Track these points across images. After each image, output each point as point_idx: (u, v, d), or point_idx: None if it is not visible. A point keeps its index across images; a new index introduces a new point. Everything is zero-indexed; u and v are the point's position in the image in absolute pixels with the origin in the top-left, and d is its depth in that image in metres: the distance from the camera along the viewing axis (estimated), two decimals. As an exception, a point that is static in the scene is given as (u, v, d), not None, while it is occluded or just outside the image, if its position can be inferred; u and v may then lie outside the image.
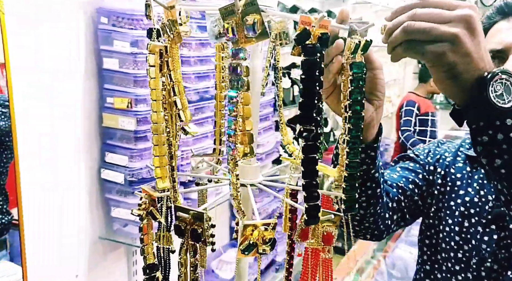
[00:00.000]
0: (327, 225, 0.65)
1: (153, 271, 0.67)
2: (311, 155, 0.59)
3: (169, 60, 0.56)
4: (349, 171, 0.64)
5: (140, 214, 0.65)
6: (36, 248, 1.40)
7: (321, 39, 0.56)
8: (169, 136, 0.59)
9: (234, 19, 0.53)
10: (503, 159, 0.60)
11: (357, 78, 0.62)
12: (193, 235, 0.60)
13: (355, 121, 0.63)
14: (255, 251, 0.59)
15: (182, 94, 0.59)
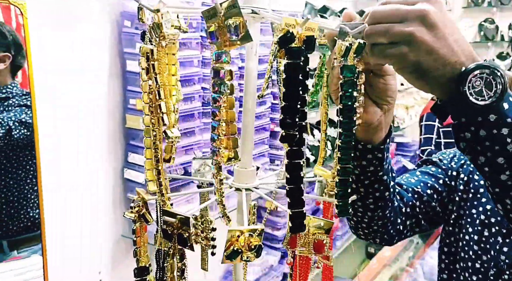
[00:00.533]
0: (318, 233, 0.63)
1: (144, 274, 0.67)
2: (296, 160, 0.57)
3: (155, 64, 0.57)
4: (341, 176, 0.62)
5: (132, 216, 0.66)
6: (59, 245, 1.46)
7: (307, 42, 0.54)
8: (155, 139, 0.59)
9: (217, 22, 0.53)
10: (486, 156, 0.57)
11: (349, 82, 0.59)
12: (179, 239, 0.60)
13: (346, 126, 0.61)
14: (240, 257, 0.58)
15: (168, 98, 0.59)
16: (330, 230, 0.63)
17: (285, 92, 0.54)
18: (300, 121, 0.56)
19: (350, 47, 0.58)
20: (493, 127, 0.55)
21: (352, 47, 0.59)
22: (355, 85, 0.60)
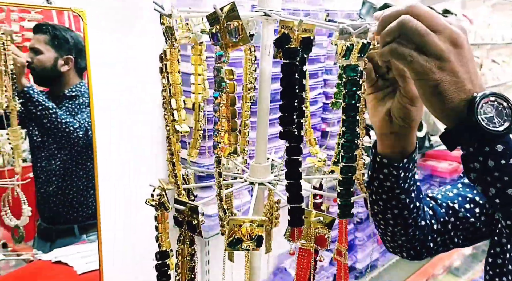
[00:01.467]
0: (320, 227, 0.65)
1: (165, 257, 0.73)
2: (294, 157, 0.60)
3: (167, 64, 0.62)
4: (343, 175, 0.63)
5: (153, 204, 0.72)
6: (112, 236, 1.58)
7: (303, 42, 0.56)
8: (168, 134, 0.65)
9: (219, 25, 0.57)
10: (496, 187, 0.55)
11: (351, 81, 0.61)
12: (189, 226, 0.65)
13: (349, 124, 0.62)
14: (240, 246, 0.62)
15: (178, 95, 0.64)
16: (331, 224, 0.65)
17: (282, 91, 0.57)
18: (298, 119, 0.58)
19: (351, 47, 0.59)
20: (501, 158, 0.54)
21: (356, 47, 0.60)
22: (359, 84, 0.61)
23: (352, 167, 0.63)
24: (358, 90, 0.61)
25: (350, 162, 0.63)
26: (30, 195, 1.83)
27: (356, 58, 0.60)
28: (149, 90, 1.62)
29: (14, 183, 1.79)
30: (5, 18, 1.69)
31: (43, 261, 1.73)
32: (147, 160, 1.70)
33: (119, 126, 1.56)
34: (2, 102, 1.66)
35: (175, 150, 0.66)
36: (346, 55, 0.60)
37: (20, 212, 1.76)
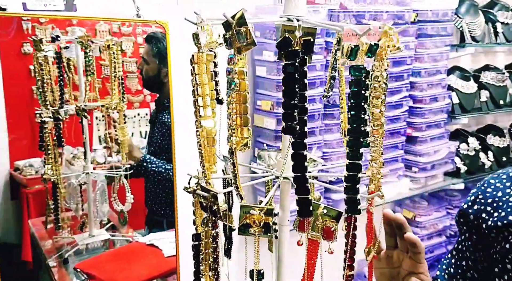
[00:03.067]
0: (330, 220, 0.68)
1: (200, 239, 0.81)
2: (299, 151, 0.64)
3: (195, 66, 0.71)
4: (349, 172, 0.66)
5: (189, 191, 0.81)
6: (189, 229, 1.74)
7: (304, 45, 0.61)
8: (197, 128, 0.73)
9: (230, 31, 0.64)
10: None
11: (357, 81, 0.63)
12: (211, 211, 0.73)
13: (354, 123, 0.64)
14: (249, 231, 0.68)
15: (204, 94, 0.72)
16: (339, 217, 0.67)
17: (284, 90, 0.62)
18: (300, 115, 0.62)
19: (356, 48, 0.62)
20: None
21: (362, 48, 0.62)
22: (364, 84, 0.63)
23: (357, 164, 0.65)
24: (363, 90, 0.63)
25: (355, 159, 0.65)
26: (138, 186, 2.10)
27: (363, 58, 0.62)
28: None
29: (120, 173, 2.07)
30: (132, 31, 1.97)
31: (139, 243, 1.98)
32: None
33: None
34: (113, 104, 1.94)
35: (203, 143, 0.74)
36: (352, 55, 0.62)
37: (125, 199, 2.03)
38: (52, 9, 1.15)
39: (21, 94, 1.84)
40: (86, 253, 1.93)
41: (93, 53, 1.89)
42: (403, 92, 2.05)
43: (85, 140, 1.96)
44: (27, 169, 2.23)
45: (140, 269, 1.73)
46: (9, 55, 1.95)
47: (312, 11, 1.70)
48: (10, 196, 2.17)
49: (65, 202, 2.06)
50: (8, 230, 2.14)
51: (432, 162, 2.18)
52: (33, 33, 1.95)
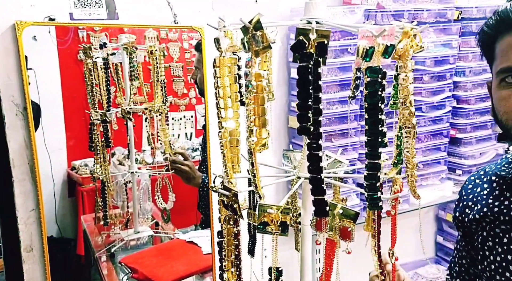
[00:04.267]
0: (346, 220, 0.68)
1: (222, 236, 0.84)
2: (315, 152, 0.65)
3: (217, 70, 0.74)
4: (369, 171, 0.66)
5: (215, 190, 0.84)
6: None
7: (318, 48, 0.62)
8: (220, 131, 0.77)
9: (248, 35, 0.67)
10: None
11: (372, 82, 0.63)
12: (232, 209, 0.76)
13: (371, 123, 0.65)
14: (269, 229, 0.70)
15: (225, 96, 0.75)
16: (356, 218, 0.67)
17: (298, 91, 0.63)
18: (315, 117, 0.64)
19: (372, 49, 0.62)
20: None
21: (378, 49, 0.62)
22: (380, 85, 0.63)
23: (376, 163, 0.65)
24: (379, 91, 0.63)
25: (374, 158, 0.65)
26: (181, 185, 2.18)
27: (379, 60, 0.63)
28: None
29: (162, 172, 2.16)
30: (178, 36, 2.05)
31: (180, 240, 2.06)
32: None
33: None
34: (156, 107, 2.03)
35: (224, 143, 0.77)
36: (368, 56, 0.63)
37: (167, 197, 2.12)
38: (96, 18, 1.22)
39: (77, 98, 1.96)
40: (131, 248, 2.03)
41: (138, 59, 1.99)
42: (445, 93, 1.98)
43: (130, 141, 2.06)
44: (82, 168, 2.38)
45: (179, 265, 1.80)
46: (66, 61, 2.09)
47: (348, 11, 1.69)
48: (67, 194, 2.32)
49: (113, 200, 2.18)
50: (65, 226, 2.29)
51: (477, 165, 2.08)
52: (88, 41, 2.09)
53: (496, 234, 0.86)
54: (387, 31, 0.62)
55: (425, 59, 1.89)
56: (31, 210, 1.24)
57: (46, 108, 1.97)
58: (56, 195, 2.20)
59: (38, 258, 1.26)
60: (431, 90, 1.97)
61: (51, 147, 2.11)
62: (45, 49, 1.93)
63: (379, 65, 0.63)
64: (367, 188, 0.66)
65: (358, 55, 0.63)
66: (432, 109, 2.00)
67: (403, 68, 0.67)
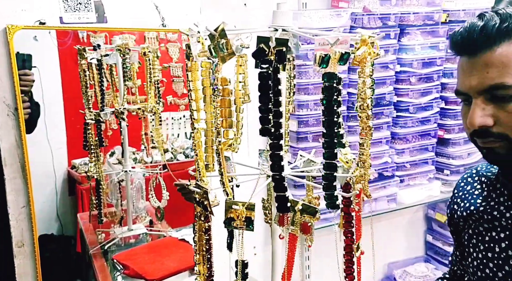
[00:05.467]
0: (308, 216, 0.72)
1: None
2: (276, 152, 0.70)
3: (189, 74, 0.78)
4: (326, 171, 0.70)
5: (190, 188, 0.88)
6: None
7: (277, 55, 0.66)
8: (192, 132, 0.81)
9: (214, 42, 0.71)
10: None
11: (329, 87, 0.67)
12: (203, 205, 0.80)
13: (328, 126, 0.69)
14: (234, 224, 0.74)
15: (197, 99, 0.79)
16: (315, 213, 0.72)
17: (259, 95, 0.67)
18: (275, 119, 0.68)
19: (327, 56, 0.66)
20: None
21: (335, 56, 0.67)
22: (336, 90, 0.67)
23: (332, 163, 0.69)
24: (335, 95, 0.67)
25: (330, 159, 0.69)
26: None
27: (335, 66, 0.67)
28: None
29: (156, 171, 2.20)
30: (177, 37, 2.09)
31: (172, 238, 2.10)
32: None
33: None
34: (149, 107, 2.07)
35: (198, 143, 0.81)
36: (324, 63, 0.67)
37: (161, 196, 2.17)
38: (85, 22, 1.27)
39: (78, 98, 2.01)
40: (124, 245, 2.08)
41: (132, 60, 2.04)
42: (433, 94, 2.02)
43: (123, 141, 2.11)
44: (82, 167, 2.43)
45: (170, 261, 1.84)
46: (67, 61, 2.14)
47: (335, 15, 1.73)
48: (68, 192, 2.37)
49: (108, 198, 2.23)
50: (66, 223, 2.34)
51: (465, 165, 2.12)
52: (88, 42, 2.13)
53: (480, 232, 0.89)
54: (341, 39, 0.66)
55: (413, 61, 1.93)
56: (22, 207, 1.29)
57: (48, 107, 2.02)
58: (57, 193, 2.26)
59: (29, 253, 1.31)
60: (419, 91, 2.00)
61: (52, 145, 2.16)
62: (46, 50, 1.98)
63: (335, 71, 0.67)
64: (325, 187, 0.70)
65: (316, 62, 0.67)
66: (420, 110, 2.03)
67: (362, 74, 0.71)
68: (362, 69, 0.72)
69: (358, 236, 0.84)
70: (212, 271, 0.82)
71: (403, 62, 1.92)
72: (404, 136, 2.01)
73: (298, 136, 1.74)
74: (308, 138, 1.74)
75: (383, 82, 1.88)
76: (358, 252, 0.83)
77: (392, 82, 1.92)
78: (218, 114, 0.73)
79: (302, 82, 1.69)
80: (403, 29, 1.90)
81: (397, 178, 2.03)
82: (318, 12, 1.72)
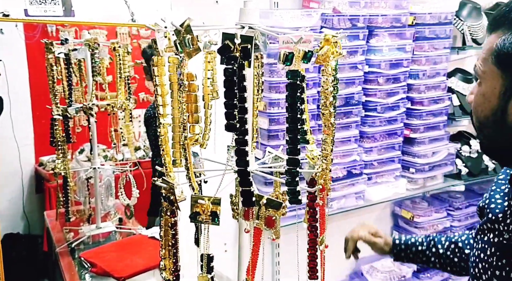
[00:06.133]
0: (272, 210, 0.74)
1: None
2: (242, 147, 0.71)
3: (155, 69, 0.78)
4: (289, 166, 0.72)
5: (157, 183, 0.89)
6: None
7: (242, 51, 0.67)
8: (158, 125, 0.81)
9: (179, 38, 0.71)
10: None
11: (292, 84, 0.69)
12: (169, 200, 0.81)
13: (292, 121, 0.70)
14: (199, 218, 0.75)
15: (164, 94, 0.79)
16: (278, 207, 0.73)
17: (225, 91, 0.68)
18: (240, 115, 0.69)
19: (291, 54, 0.68)
20: None
21: (298, 54, 0.68)
22: (299, 87, 0.69)
23: (295, 159, 0.71)
24: (299, 92, 0.69)
25: (293, 154, 0.71)
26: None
27: (299, 64, 0.69)
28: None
29: (126, 169, 2.17)
30: (151, 34, 2.05)
31: (142, 235, 2.08)
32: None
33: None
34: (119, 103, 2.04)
35: (164, 138, 0.81)
36: (288, 61, 0.68)
37: (131, 194, 2.14)
38: (51, 15, 1.25)
39: (46, 93, 1.96)
40: (92, 243, 2.05)
41: (101, 55, 2.00)
42: (400, 94, 2.08)
43: (92, 137, 2.07)
44: (50, 164, 2.37)
45: (139, 259, 1.83)
46: (35, 56, 2.09)
47: (306, 15, 1.76)
48: (35, 190, 2.31)
49: (75, 196, 2.19)
50: (33, 222, 2.28)
51: (430, 163, 2.19)
52: (57, 36, 2.08)
53: (483, 230, 0.88)
54: (304, 38, 0.68)
55: (380, 62, 1.98)
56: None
57: (15, 102, 1.97)
58: (24, 191, 2.20)
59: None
60: (386, 92, 2.06)
61: (19, 142, 2.10)
62: (13, 43, 1.93)
63: (299, 69, 0.69)
64: (287, 182, 0.72)
65: (280, 60, 0.69)
66: (388, 110, 2.09)
67: (325, 72, 0.73)
68: (325, 67, 0.74)
69: (322, 230, 0.87)
70: (178, 266, 0.83)
71: (371, 63, 1.97)
72: (372, 135, 2.06)
73: (269, 134, 1.75)
74: (279, 136, 1.76)
75: (352, 82, 1.92)
76: (322, 245, 0.86)
77: (360, 82, 1.96)
78: (184, 110, 0.73)
79: (274, 81, 1.71)
80: (371, 30, 1.95)
81: (365, 176, 2.08)
82: (289, 12, 1.75)
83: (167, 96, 0.81)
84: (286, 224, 1.65)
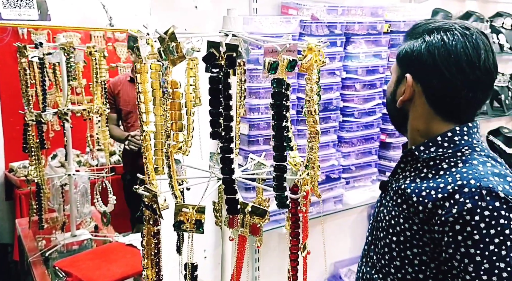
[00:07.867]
0: (257, 218, 0.74)
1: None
2: (227, 155, 0.71)
3: (138, 76, 0.77)
4: (276, 172, 0.72)
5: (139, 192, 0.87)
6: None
7: (227, 59, 0.67)
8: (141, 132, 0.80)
9: (164, 45, 0.71)
10: None
11: (278, 93, 0.69)
12: (151, 209, 0.80)
13: (277, 129, 0.71)
14: (184, 227, 0.74)
15: (146, 101, 0.78)
16: (264, 215, 0.73)
17: (209, 99, 0.68)
18: (226, 123, 0.69)
19: (276, 63, 0.68)
20: None
21: (283, 63, 0.69)
22: (285, 95, 0.70)
23: (282, 165, 0.71)
24: (284, 100, 0.69)
25: (280, 161, 0.71)
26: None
27: (284, 72, 0.69)
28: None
29: (102, 175, 2.13)
30: (125, 37, 2.01)
31: (119, 243, 2.04)
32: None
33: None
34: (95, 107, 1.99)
35: (147, 146, 0.80)
36: (272, 70, 0.69)
37: (107, 200, 2.09)
38: (26, 19, 1.21)
39: (17, 97, 1.90)
40: (67, 252, 1.99)
41: (75, 59, 1.96)
42: (376, 100, 2.11)
43: (67, 143, 2.02)
44: (21, 170, 2.29)
45: (116, 267, 1.79)
46: (5, 59, 2.02)
47: (285, 21, 1.77)
48: (4, 197, 2.23)
49: (49, 203, 2.13)
50: (2, 230, 2.20)
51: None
52: (29, 38, 2.02)
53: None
54: (290, 47, 0.69)
55: (357, 69, 2.01)
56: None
57: (-18, 107, 1.90)
58: (-9, 197, 2.13)
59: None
60: (363, 97, 2.09)
61: (-14, 147, 2.03)
62: (-19, 46, 1.86)
63: (284, 77, 0.69)
64: (275, 188, 0.72)
65: (265, 68, 0.69)
66: (364, 115, 2.12)
67: (309, 81, 0.74)
68: (310, 76, 0.74)
69: (305, 236, 0.87)
70: (161, 275, 0.82)
71: (348, 69, 2.00)
72: (349, 140, 2.09)
73: (249, 139, 1.75)
74: (259, 142, 1.76)
75: (330, 88, 1.94)
76: (305, 251, 0.86)
77: (338, 88, 1.98)
78: (168, 117, 0.72)
79: (253, 86, 1.72)
80: (348, 37, 1.98)
81: (343, 180, 2.10)
82: (268, 18, 1.75)
83: (150, 104, 0.80)
84: (266, 229, 1.65)
